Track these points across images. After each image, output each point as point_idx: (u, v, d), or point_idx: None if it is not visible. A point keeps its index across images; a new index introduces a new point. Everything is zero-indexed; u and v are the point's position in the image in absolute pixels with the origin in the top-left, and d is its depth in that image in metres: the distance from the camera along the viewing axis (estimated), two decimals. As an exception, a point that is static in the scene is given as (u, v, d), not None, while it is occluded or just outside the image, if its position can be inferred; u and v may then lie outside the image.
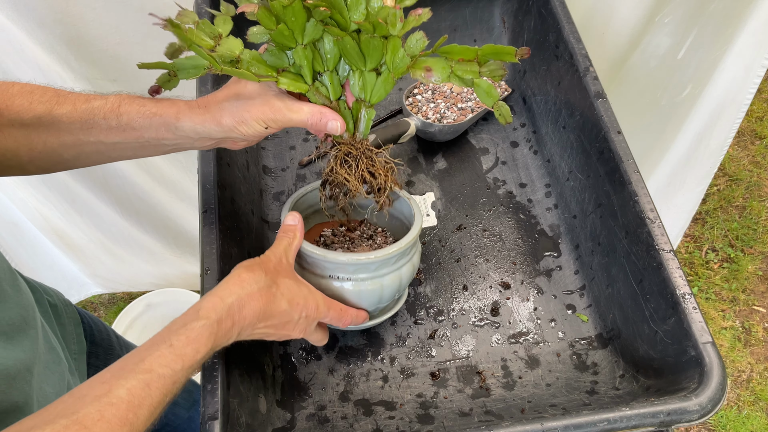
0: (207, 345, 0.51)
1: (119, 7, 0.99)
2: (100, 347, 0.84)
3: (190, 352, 0.50)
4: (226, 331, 0.54)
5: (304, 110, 0.59)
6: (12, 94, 0.59)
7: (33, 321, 0.59)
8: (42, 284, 0.76)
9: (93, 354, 0.82)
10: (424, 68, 0.55)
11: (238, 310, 0.55)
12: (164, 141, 0.61)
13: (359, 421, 0.71)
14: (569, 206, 0.86)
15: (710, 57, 1.14)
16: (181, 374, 0.49)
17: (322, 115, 0.59)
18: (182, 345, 0.50)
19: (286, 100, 0.58)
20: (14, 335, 0.55)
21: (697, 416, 0.57)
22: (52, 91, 0.60)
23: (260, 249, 0.82)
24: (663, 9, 1.13)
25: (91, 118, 0.59)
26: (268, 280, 0.58)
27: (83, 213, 1.32)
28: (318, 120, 0.59)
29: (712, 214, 1.81)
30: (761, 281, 1.70)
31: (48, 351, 0.63)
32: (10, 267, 0.60)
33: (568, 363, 0.75)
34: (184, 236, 1.46)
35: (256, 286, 0.57)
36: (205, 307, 0.53)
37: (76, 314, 0.80)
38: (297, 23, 0.55)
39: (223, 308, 0.54)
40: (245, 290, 0.56)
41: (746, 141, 1.95)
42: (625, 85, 1.27)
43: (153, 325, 1.57)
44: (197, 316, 0.52)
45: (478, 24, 1.02)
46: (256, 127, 0.58)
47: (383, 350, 0.77)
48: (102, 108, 0.59)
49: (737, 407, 1.52)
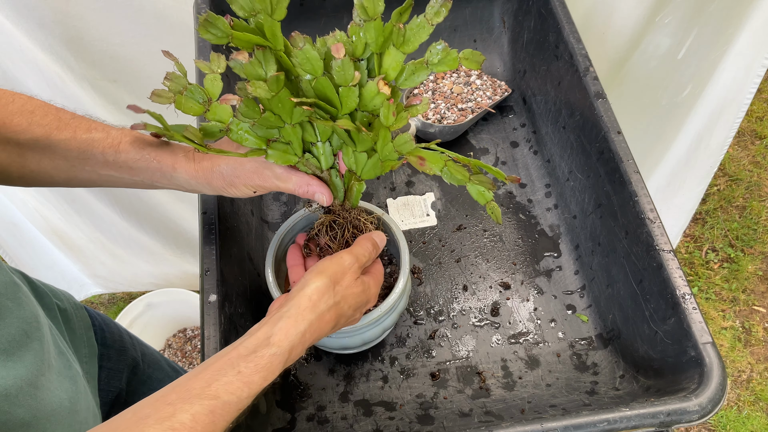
0: (276, 372, 0.50)
1: (119, 8, 0.99)
2: (112, 349, 0.83)
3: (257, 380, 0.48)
4: (296, 355, 0.53)
5: (293, 180, 0.61)
6: (11, 111, 0.58)
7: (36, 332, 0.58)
8: (53, 288, 0.76)
9: (105, 356, 0.81)
10: (418, 157, 0.57)
11: (311, 335, 0.53)
12: (157, 184, 0.63)
13: (359, 421, 0.71)
14: (569, 206, 0.86)
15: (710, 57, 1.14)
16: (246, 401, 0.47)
17: (309, 186, 0.61)
18: (251, 372, 0.48)
19: (275, 169, 0.61)
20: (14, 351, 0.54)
21: (697, 416, 0.57)
22: (53, 114, 0.60)
23: (260, 249, 0.83)
24: (663, 9, 1.13)
25: (90, 149, 0.60)
26: (338, 296, 0.56)
27: (83, 213, 1.32)
28: (305, 191, 0.62)
29: (712, 214, 1.81)
30: (761, 281, 1.70)
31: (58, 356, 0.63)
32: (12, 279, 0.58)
33: (568, 363, 0.75)
34: (183, 236, 1.46)
35: (325, 307, 0.55)
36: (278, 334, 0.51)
37: (87, 317, 0.79)
38: (284, 108, 0.55)
39: (296, 335, 0.52)
40: (317, 313, 0.54)
41: (746, 141, 1.95)
42: (625, 85, 1.27)
43: (153, 325, 1.58)
44: (268, 343, 0.50)
45: (478, 24, 1.02)
46: (245, 190, 0.62)
47: (383, 350, 0.77)
48: (102, 141, 0.60)
49: (737, 407, 1.52)
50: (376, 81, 0.54)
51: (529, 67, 0.96)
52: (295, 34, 0.51)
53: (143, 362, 0.89)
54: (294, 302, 0.54)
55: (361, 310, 0.62)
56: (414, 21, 0.53)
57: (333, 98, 0.55)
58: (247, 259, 0.78)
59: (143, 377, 0.89)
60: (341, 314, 0.57)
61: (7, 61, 0.98)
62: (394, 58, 0.54)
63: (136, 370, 0.87)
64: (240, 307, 0.72)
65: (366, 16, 0.52)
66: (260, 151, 0.57)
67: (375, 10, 0.51)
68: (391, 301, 0.65)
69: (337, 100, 0.55)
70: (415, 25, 0.53)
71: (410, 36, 0.53)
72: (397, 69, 0.54)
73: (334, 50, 0.51)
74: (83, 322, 0.78)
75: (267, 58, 0.52)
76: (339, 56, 0.51)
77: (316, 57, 0.52)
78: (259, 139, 0.57)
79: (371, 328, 0.68)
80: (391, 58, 0.54)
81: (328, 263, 0.58)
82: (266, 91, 0.52)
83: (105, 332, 0.83)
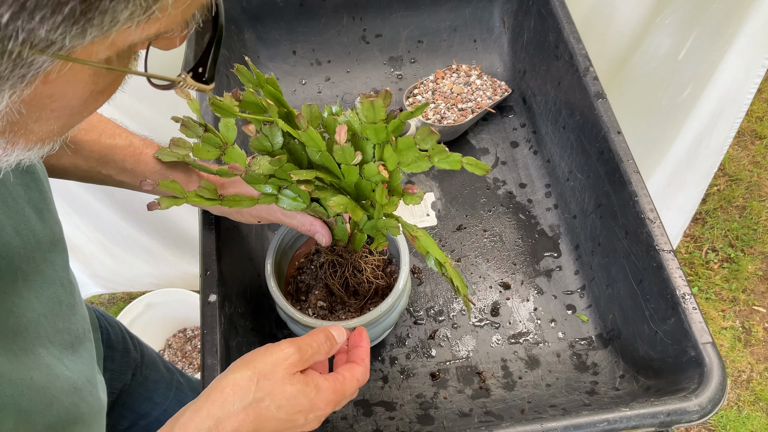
0: None
1: (119, 8, 0.99)
2: (116, 350, 0.83)
3: None
4: None
5: (297, 218, 0.64)
6: None
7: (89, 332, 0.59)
8: None
9: (108, 358, 0.81)
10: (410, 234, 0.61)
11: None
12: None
13: (359, 421, 0.71)
14: (569, 206, 0.86)
15: (710, 57, 1.13)
16: None
17: (312, 226, 0.65)
18: None
19: None
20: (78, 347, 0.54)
21: (697, 416, 0.57)
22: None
23: (260, 249, 0.83)
24: (664, 10, 1.13)
25: (111, 154, 0.62)
26: (261, 393, 0.48)
27: (83, 213, 1.32)
28: (308, 229, 0.65)
29: (712, 214, 1.81)
30: (761, 281, 1.70)
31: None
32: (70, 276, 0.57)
33: (568, 363, 0.75)
34: (183, 237, 1.46)
35: (240, 405, 0.47)
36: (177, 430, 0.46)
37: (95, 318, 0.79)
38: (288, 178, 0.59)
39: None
40: (226, 411, 0.46)
41: (746, 141, 1.95)
42: (625, 85, 1.27)
43: (153, 325, 1.57)
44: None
45: (478, 24, 1.02)
46: (249, 219, 0.66)
47: (383, 350, 0.77)
48: (124, 149, 0.63)
49: (737, 407, 1.52)
50: (377, 164, 0.57)
51: (529, 67, 0.96)
52: (300, 117, 0.54)
53: (142, 363, 0.89)
54: (206, 389, 0.48)
55: (306, 415, 0.50)
56: (405, 139, 0.55)
57: (336, 170, 0.58)
58: (247, 259, 0.78)
59: (140, 378, 0.88)
60: (267, 416, 0.48)
61: (6, 61, 0.98)
62: (391, 155, 0.56)
63: (136, 371, 0.87)
64: (240, 307, 0.72)
65: (366, 120, 0.54)
66: (271, 197, 0.61)
67: (375, 117, 0.53)
68: (390, 300, 0.65)
69: (339, 173, 0.58)
70: (405, 142, 0.55)
71: (402, 149, 0.56)
72: (394, 164, 0.57)
73: (337, 133, 0.54)
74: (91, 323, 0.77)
75: (273, 132, 0.57)
76: (341, 142, 0.54)
77: (319, 138, 0.56)
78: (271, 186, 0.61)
79: (371, 328, 0.68)
80: (389, 153, 0.56)
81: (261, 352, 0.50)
82: (269, 169, 0.56)
83: (110, 333, 0.83)
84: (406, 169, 0.57)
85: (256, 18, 0.98)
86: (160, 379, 0.93)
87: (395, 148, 0.55)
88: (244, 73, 0.55)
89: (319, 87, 1.02)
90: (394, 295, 0.66)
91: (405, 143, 0.55)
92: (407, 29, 1.02)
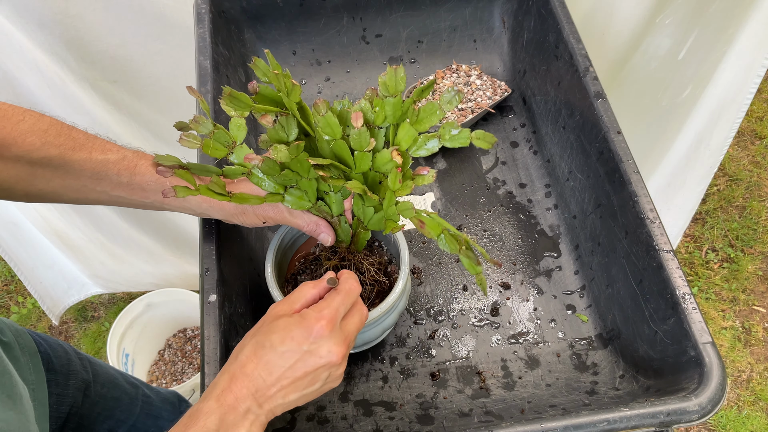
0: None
1: (119, 8, 0.99)
2: (60, 374, 0.81)
3: None
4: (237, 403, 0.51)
5: (303, 217, 0.65)
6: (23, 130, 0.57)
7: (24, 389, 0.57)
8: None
9: (53, 382, 0.79)
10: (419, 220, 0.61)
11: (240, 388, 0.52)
12: (166, 206, 0.65)
13: (359, 421, 0.71)
14: (569, 206, 0.86)
15: (710, 58, 1.13)
16: None
17: (317, 226, 0.65)
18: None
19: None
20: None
21: (697, 416, 0.57)
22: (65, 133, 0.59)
23: (260, 249, 0.83)
24: (664, 10, 1.13)
25: (104, 170, 0.61)
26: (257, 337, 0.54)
27: (83, 214, 1.32)
28: (312, 230, 0.66)
29: (712, 214, 1.81)
30: (761, 281, 1.70)
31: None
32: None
33: (568, 363, 0.75)
34: (183, 237, 1.46)
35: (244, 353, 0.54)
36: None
37: (32, 342, 0.77)
38: (302, 167, 0.60)
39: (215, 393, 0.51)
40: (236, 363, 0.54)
41: (746, 141, 1.95)
42: (625, 85, 1.27)
43: (153, 325, 1.57)
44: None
45: (478, 24, 1.03)
46: (255, 220, 0.65)
47: (383, 350, 0.77)
48: (117, 163, 0.61)
49: (737, 407, 1.52)
50: (391, 150, 0.58)
51: (529, 67, 0.96)
52: (319, 102, 0.56)
53: (95, 383, 0.87)
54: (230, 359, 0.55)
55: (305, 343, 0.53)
56: (428, 105, 0.57)
57: (348, 159, 0.60)
58: (247, 259, 0.78)
59: (95, 398, 0.87)
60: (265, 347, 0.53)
61: (7, 61, 0.98)
62: (407, 132, 0.59)
63: (87, 391, 0.85)
64: (240, 307, 0.72)
65: (387, 92, 0.57)
66: (278, 196, 0.62)
67: (396, 89, 0.56)
68: (390, 300, 0.65)
69: (351, 161, 0.60)
70: (428, 108, 0.57)
71: (423, 117, 0.58)
72: (410, 141, 0.59)
73: (353, 118, 0.56)
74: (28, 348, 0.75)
75: (289, 123, 0.58)
76: (357, 126, 0.57)
77: (336, 123, 0.57)
78: (277, 185, 0.62)
79: (371, 328, 0.68)
80: (405, 131, 0.59)
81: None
82: (287, 156, 0.57)
83: (51, 357, 0.80)
84: (417, 153, 0.59)
85: (256, 18, 0.98)
86: (122, 396, 0.92)
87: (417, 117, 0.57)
88: (261, 67, 0.56)
89: (319, 87, 1.02)
90: (394, 295, 0.66)
91: (428, 109, 0.56)
92: (407, 29, 1.02)
